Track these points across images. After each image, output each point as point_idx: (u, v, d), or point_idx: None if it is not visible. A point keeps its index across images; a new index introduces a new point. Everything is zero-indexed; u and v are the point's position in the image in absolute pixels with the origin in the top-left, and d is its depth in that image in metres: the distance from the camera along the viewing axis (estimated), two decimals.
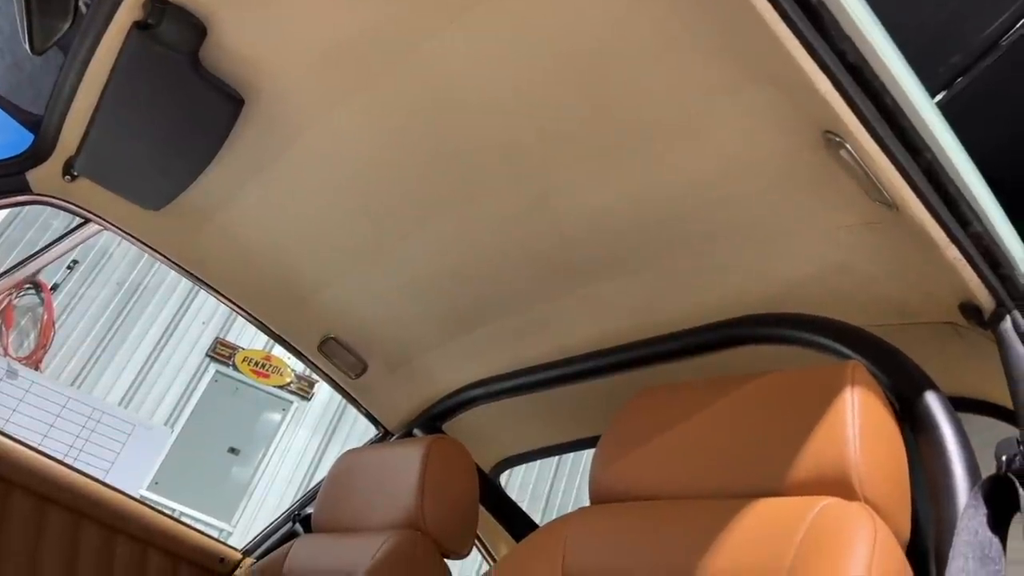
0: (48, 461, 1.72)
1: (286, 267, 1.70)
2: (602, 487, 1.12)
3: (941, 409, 0.93)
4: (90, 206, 1.60)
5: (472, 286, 1.55)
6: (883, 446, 0.89)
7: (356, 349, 1.87)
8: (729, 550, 0.89)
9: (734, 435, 1.00)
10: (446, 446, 1.57)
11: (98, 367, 7.11)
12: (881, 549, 0.77)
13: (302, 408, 7.77)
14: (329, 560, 1.55)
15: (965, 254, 0.94)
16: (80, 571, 1.69)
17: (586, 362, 1.54)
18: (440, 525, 1.48)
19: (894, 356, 1.02)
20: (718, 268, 1.27)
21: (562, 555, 1.07)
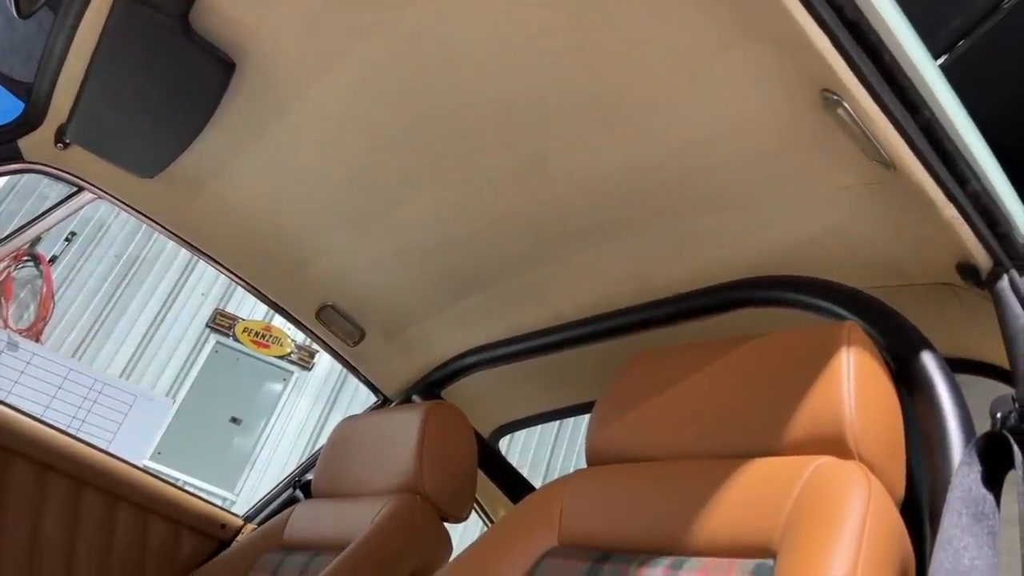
0: (49, 430, 1.73)
1: (282, 234, 1.69)
2: (598, 449, 1.13)
3: (937, 368, 0.93)
4: (83, 174, 1.59)
5: (468, 253, 1.55)
6: (878, 405, 0.89)
7: (354, 317, 1.87)
8: (724, 509, 0.90)
9: (729, 396, 1.00)
10: (444, 411, 1.58)
11: (98, 339, 7.13)
12: (875, 506, 0.77)
13: (303, 378, 7.81)
14: (329, 524, 1.57)
15: (963, 213, 0.93)
16: (82, 538, 1.70)
17: (583, 327, 1.54)
18: (439, 489, 1.49)
19: (890, 316, 1.02)
20: (714, 232, 1.27)
21: (559, 516, 1.08)
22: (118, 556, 1.73)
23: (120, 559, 1.73)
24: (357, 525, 1.47)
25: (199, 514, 1.86)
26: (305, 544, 1.59)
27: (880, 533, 0.75)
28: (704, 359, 1.07)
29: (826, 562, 0.72)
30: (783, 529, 0.82)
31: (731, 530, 0.88)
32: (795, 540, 0.78)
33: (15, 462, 1.66)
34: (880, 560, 0.74)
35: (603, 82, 1.07)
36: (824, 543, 0.74)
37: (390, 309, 1.82)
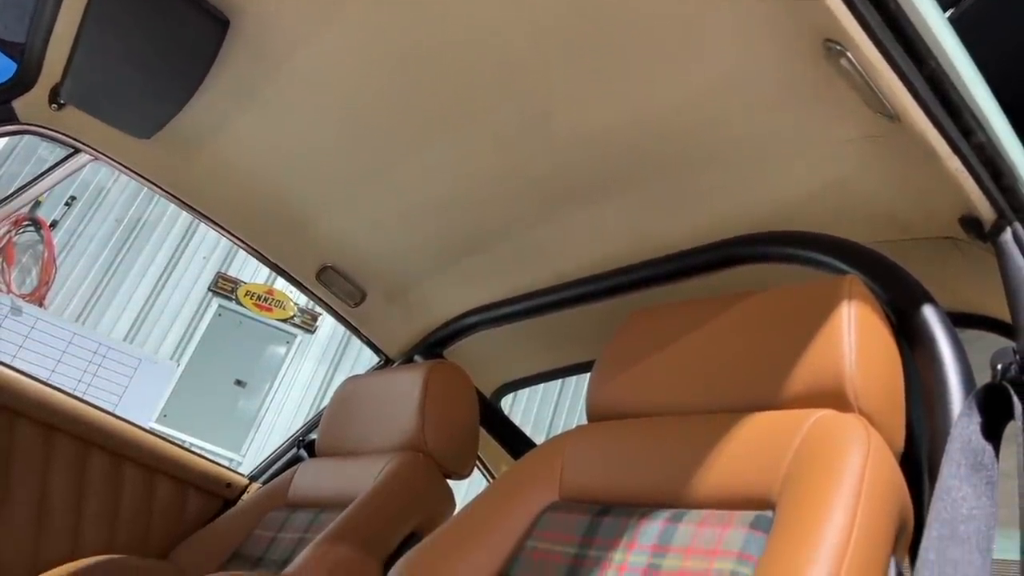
0: (54, 392, 1.74)
1: (280, 195, 1.68)
2: (599, 405, 1.13)
3: (938, 322, 0.93)
4: (79, 135, 1.58)
5: (468, 212, 1.54)
6: (879, 358, 0.89)
7: (354, 278, 1.87)
8: (724, 462, 0.90)
9: (730, 351, 1.00)
10: (446, 369, 1.58)
11: (101, 303, 7.15)
12: (874, 458, 0.77)
13: (306, 341, 7.84)
14: (333, 482, 1.58)
15: (967, 164, 0.92)
16: (89, 498, 1.72)
17: (584, 286, 1.54)
18: (441, 446, 1.50)
19: (892, 270, 1.02)
20: (715, 188, 1.26)
21: (560, 471, 1.09)
22: (125, 515, 1.76)
23: (127, 518, 1.76)
24: (360, 482, 1.48)
25: (204, 473, 1.88)
26: (309, 502, 1.61)
27: (879, 485, 0.76)
28: (704, 315, 1.07)
29: (825, 513, 0.72)
30: (782, 481, 0.82)
31: (730, 483, 0.88)
32: (794, 492, 0.78)
33: (21, 423, 1.68)
34: (879, 511, 0.74)
35: (602, 35, 1.05)
36: (823, 494, 0.74)
37: (390, 270, 1.82)
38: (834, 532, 0.70)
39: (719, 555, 0.82)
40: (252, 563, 1.54)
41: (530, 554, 1.01)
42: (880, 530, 0.74)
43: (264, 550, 1.55)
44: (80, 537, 1.69)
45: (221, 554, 1.63)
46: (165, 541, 1.78)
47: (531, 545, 1.02)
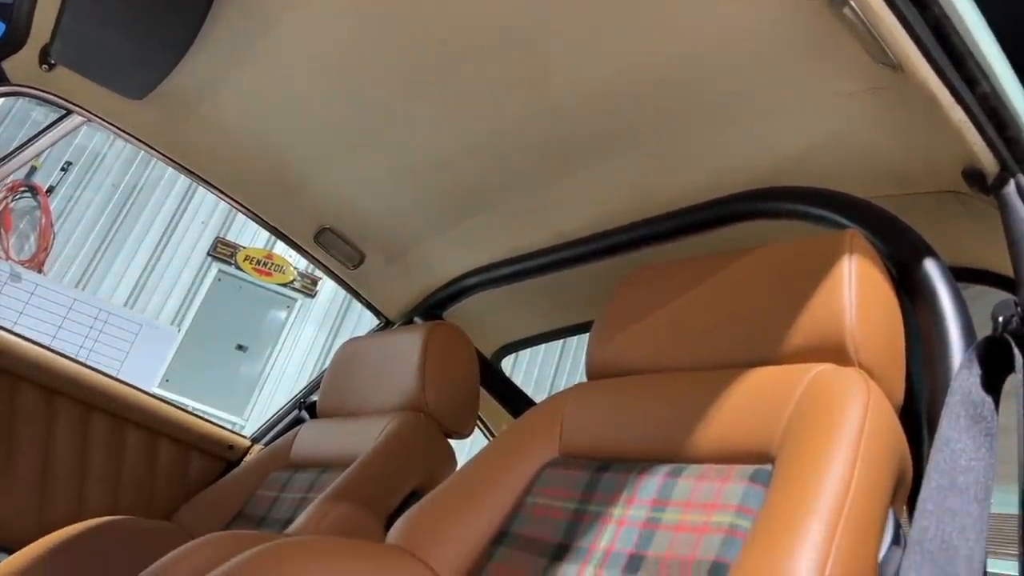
0: (56, 356, 1.74)
1: (276, 156, 1.66)
2: (598, 363, 1.13)
3: (939, 275, 0.93)
4: (71, 96, 1.56)
5: (467, 171, 1.52)
6: (879, 312, 0.89)
7: (352, 239, 1.86)
8: (723, 417, 0.90)
9: (730, 307, 0.99)
10: (445, 330, 1.58)
11: (100, 269, 7.14)
12: (874, 411, 0.77)
13: (307, 305, 7.85)
14: (335, 442, 1.59)
15: (970, 115, 0.90)
16: (92, 460, 1.73)
17: (583, 246, 1.53)
18: (441, 406, 1.51)
19: (893, 224, 1.01)
20: (714, 144, 1.24)
21: (560, 428, 1.09)
22: (128, 478, 1.77)
23: (131, 480, 1.77)
24: (362, 442, 1.49)
25: (207, 436, 1.89)
26: (312, 462, 1.62)
27: (878, 437, 0.76)
28: (704, 272, 1.06)
29: (824, 465, 0.73)
30: (782, 435, 0.82)
31: (730, 437, 0.88)
32: (793, 445, 0.78)
33: (23, 387, 1.68)
34: (878, 463, 0.74)
35: None
36: (822, 447, 0.75)
37: (389, 231, 1.81)
38: (833, 484, 0.71)
39: (718, 508, 0.83)
40: (255, 523, 1.56)
41: (530, 510, 1.02)
42: (879, 482, 0.74)
43: (267, 510, 1.57)
44: (84, 499, 1.71)
45: (225, 514, 1.64)
46: (169, 502, 1.79)
47: (531, 501, 1.03)
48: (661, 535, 0.85)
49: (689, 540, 0.82)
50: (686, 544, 0.82)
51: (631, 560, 0.85)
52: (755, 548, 0.70)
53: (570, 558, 0.91)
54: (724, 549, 0.78)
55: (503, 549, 0.99)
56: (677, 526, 0.85)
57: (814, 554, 0.66)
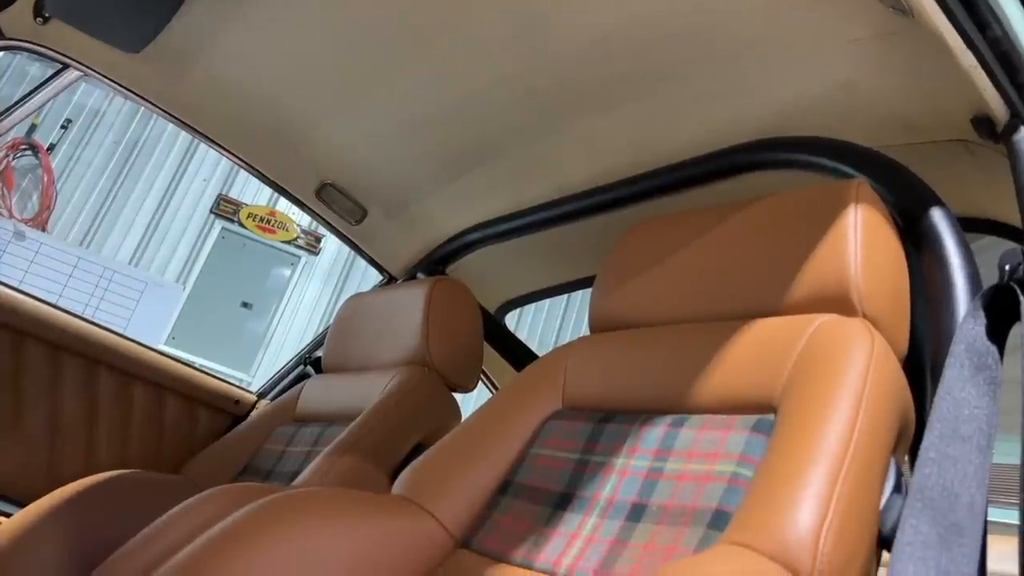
0: (61, 313, 1.75)
1: (277, 110, 1.64)
2: (601, 316, 1.13)
3: (946, 225, 0.92)
4: (67, 50, 1.53)
5: (466, 124, 1.51)
6: (884, 262, 0.88)
7: (354, 195, 1.85)
8: (726, 368, 0.90)
9: (733, 259, 0.99)
10: (448, 285, 1.58)
11: (104, 227, 7.13)
12: (878, 361, 0.77)
13: (311, 262, 7.85)
14: (340, 397, 1.60)
15: (981, 60, 0.88)
16: (100, 415, 1.75)
17: (586, 199, 1.52)
18: (445, 360, 1.52)
19: (900, 173, 0.99)
20: (719, 94, 1.22)
21: (563, 380, 1.09)
22: (136, 432, 1.79)
23: (138, 435, 1.79)
24: (367, 396, 1.50)
25: (213, 391, 1.91)
26: (317, 416, 1.63)
27: (881, 387, 0.76)
28: (708, 224, 1.05)
29: (827, 414, 0.73)
30: (784, 385, 0.82)
31: (733, 388, 0.88)
32: (796, 394, 0.78)
33: (29, 343, 1.69)
34: (881, 413, 0.74)
35: None
36: (825, 396, 0.75)
37: (390, 186, 1.80)
38: (835, 433, 0.71)
39: (720, 458, 0.83)
40: (262, 476, 1.58)
41: (534, 461, 1.03)
42: (882, 431, 0.74)
43: (274, 463, 1.58)
44: (93, 453, 1.73)
45: (232, 468, 1.66)
46: (177, 457, 1.82)
47: (535, 452, 1.04)
48: (664, 484, 0.86)
49: (691, 489, 0.83)
50: (688, 493, 0.83)
51: (634, 509, 0.86)
52: (757, 496, 0.70)
53: (573, 507, 0.92)
54: (726, 497, 0.79)
55: (507, 499, 1.00)
56: (679, 475, 0.85)
57: (816, 501, 0.66)
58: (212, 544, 0.85)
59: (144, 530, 1.09)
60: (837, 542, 0.65)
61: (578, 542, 0.87)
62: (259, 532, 0.86)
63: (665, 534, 0.81)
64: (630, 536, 0.84)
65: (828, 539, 0.65)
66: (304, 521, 0.89)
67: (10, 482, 1.64)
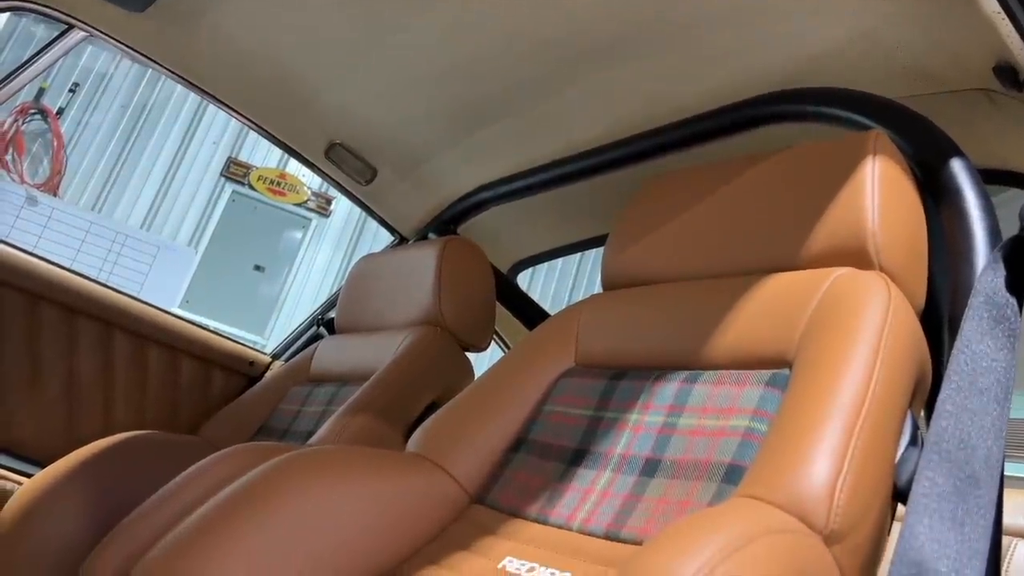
0: (75, 276, 1.76)
1: (284, 68, 1.62)
2: (614, 274, 1.12)
3: (966, 176, 0.90)
4: (72, 10, 1.51)
5: (477, 79, 1.48)
6: (902, 215, 0.87)
7: (364, 154, 1.84)
8: (741, 323, 0.89)
9: (749, 212, 0.97)
10: (459, 244, 1.58)
11: (115, 192, 7.15)
12: (895, 314, 0.76)
13: (322, 225, 7.86)
14: (353, 357, 1.61)
15: (1004, 6, 0.86)
16: (117, 378, 1.77)
17: (599, 155, 1.50)
18: (458, 320, 1.52)
19: (919, 123, 0.97)
20: (734, 46, 1.20)
21: (575, 337, 1.09)
22: (153, 394, 1.81)
23: (155, 397, 1.81)
24: (380, 356, 1.50)
25: (227, 353, 1.92)
26: (331, 376, 1.64)
27: (898, 340, 0.75)
28: (722, 178, 1.04)
29: (843, 368, 0.72)
30: (800, 339, 0.81)
31: (748, 343, 0.88)
32: (811, 348, 0.78)
33: (44, 307, 1.70)
34: (898, 366, 0.74)
35: None
36: (841, 350, 0.74)
37: (400, 145, 1.78)
38: (852, 386, 0.70)
39: (735, 413, 0.83)
40: (278, 436, 1.59)
41: (547, 418, 1.03)
42: (899, 385, 0.73)
43: (289, 423, 1.60)
44: (111, 415, 1.75)
45: (248, 428, 1.68)
46: (193, 418, 1.83)
47: (548, 409, 1.04)
48: (677, 439, 0.86)
49: (705, 444, 0.83)
50: (702, 448, 0.83)
51: (647, 464, 0.86)
52: (771, 450, 0.70)
53: (587, 463, 0.93)
54: (740, 452, 0.79)
55: (520, 455, 1.01)
56: (693, 431, 0.85)
57: (831, 455, 0.66)
58: (229, 502, 0.86)
59: (161, 489, 1.11)
60: (852, 495, 0.65)
61: (592, 497, 0.88)
62: (275, 490, 0.87)
63: (679, 488, 0.81)
64: (644, 491, 0.84)
65: (843, 492, 0.64)
66: (320, 478, 0.90)
67: (30, 443, 1.66)
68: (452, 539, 0.93)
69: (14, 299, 1.67)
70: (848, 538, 0.64)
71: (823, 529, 0.63)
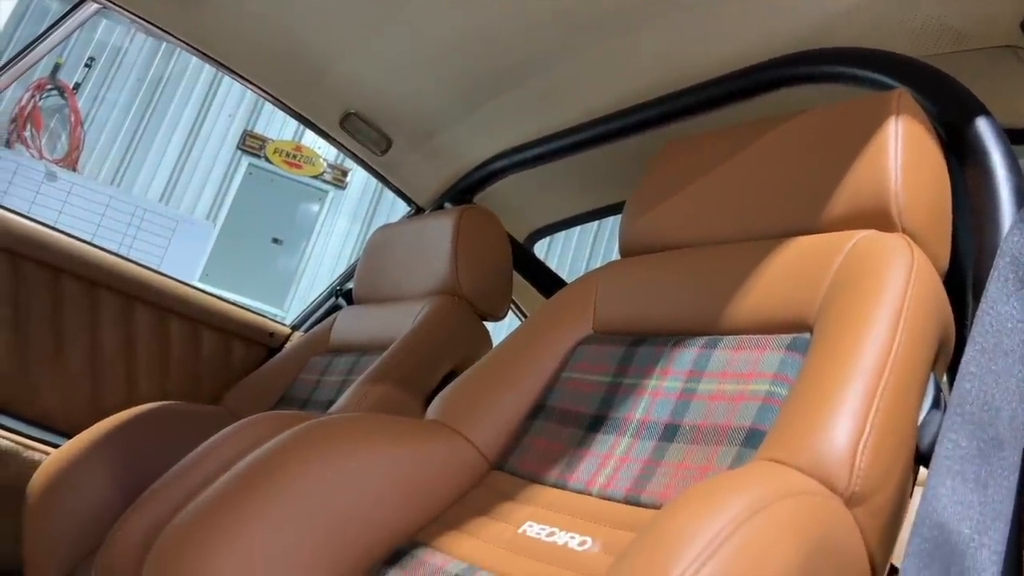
0: (96, 250, 1.77)
1: (298, 39, 1.61)
2: (632, 240, 1.11)
3: (991, 134, 0.88)
4: None
5: (491, 46, 1.47)
6: (926, 175, 0.85)
7: (378, 124, 1.83)
8: (761, 288, 0.88)
9: (769, 176, 0.96)
10: (475, 213, 1.57)
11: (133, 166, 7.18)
12: (918, 277, 0.75)
13: (339, 197, 7.87)
14: (372, 327, 1.62)
15: None
16: (139, 350, 1.79)
17: (615, 121, 1.48)
18: (474, 288, 1.52)
19: (943, 82, 0.95)
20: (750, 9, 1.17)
21: (593, 304, 1.09)
22: (175, 365, 1.83)
23: (177, 368, 1.83)
24: (398, 326, 1.51)
25: (248, 324, 1.94)
26: (350, 346, 1.65)
27: (921, 303, 0.74)
28: (742, 141, 1.02)
29: (865, 331, 0.71)
30: (821, 302, 0.81)
31: (768, 308, 0.87)
32: (833, 312, 0.77)
33: (65, 280, 1.72)
34: (921, 329, 0.73)
35: None
36: (863, 313, 0.73)
37: (415, 114, 1.77)
38: (874, 349, 0.69)
39: (755, 377, 0.82)
40: (299, 405, 1.61)
41: (565, 384, 1.03)
42: (921, 348, 0.73)
43: (310, 393, 1.61)
44: (134, 386, 1.77)
45: (269, 398, 1.69)
46: (215, 388, 1.86)
47: (566, 376, 1.04)
48: (697, 405, 0.86)
49: (725, 409, 0.82)
50: (722, 412, 0.82)
51: (666, 429, 0.86)
52: (792, 413, 0.69)
53: (606, 429, 0.93)
54: (761, 416, 0.78)
55: (539, 422, 1.01)
56: (712, 396, 0.85)
57: (853, 417, 0.65)
58: (251, 470, 0.87)
59: (185, 458, 1.12)
60: (874, 458, 0.64)
61: (611, 462, 0.88)
62: (297, 457, 0.88)
63: (698, 453, 0.81)
64: (663, 456, 0.84)
65: (865, 454, 0.64)
66: (342, 446, 0.90)
67: (55, 414, 1.69)
68: (472, 505, 0.94)
69: (37, 273, 1.69)
70: (870, 500, 0.63)
71: (844, 491, 0.63)
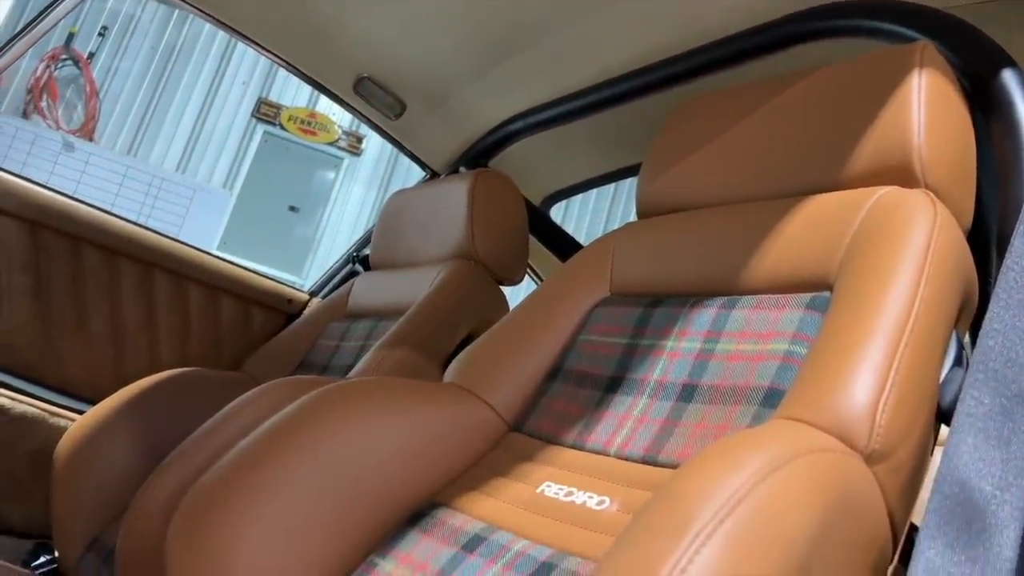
0: (114, 219, 1.78)
1: (310, 1, 1.60)
2: (649, 201, 1.10)
3: (1018, 87, 0.85)
4: None
5: (503, 10, 1.44)
6: (950, 130, 0.83)
7: (392, 88, 1.82)
8: (780, 246, 0.87)
9: (789, 133, 0.94)
10: (490, 177, 1.56)
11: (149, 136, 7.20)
12: (941, 233, 0.74)
13: (354, 164, 7.86)
14: (390, 291, 1.62)
15: None
16: (159, 317, 1.80)
17: (630, 81, 1.46)
18: (491, 253, 1.51)
19: (968, 33, 0.92)
20: None
21: (610, 267, 1.08)
22: (195, 332, 1.85)
23: (197, 335, 1.85)
24: (415, 291, 1.51)
25: (266, 291, 1.95)
26: (368, 312, 1.66)
27: (944, 259, 0.73)
28: (762, 98, 1.00)
29: (886, 288, 0.70)
30: (841, 260, 0.79)
31: (787, 266, 0.86)
32: (853, 269, 0.76)
33: (85, 249, 1.73)
34: (943, 286, 0.72)
35: None
36: (884, 270, 0.72)
37: (428, 78, 1.76)
38: (895, 306, 0.69)
39: (774, 337, 0.82)
40: (318, 370, 1.62)
41: (582, 347, 1.03)
42: (944, 305, 0.72)
43: (329, 358, 1.62)
44: (156, 353, 1.79)
45: (289, 363, 1.71)
46: (235, 355, 1.87)
47: (583, 338, 1.04)
48: (715, 365, 0.85)
49: (744, 368, 0.82)
50: (740, 372, 0.82)
51: (684, 389, 0.86)
52: (811, 372, 0.69)
53: (623, 390, 0.93)
54: (780, 375, 0.78)
55: (557, 384, 1.01)
56: (731, 356, 0.84)
57: (873, 374, 0.65)
58: (272, 433, 0.88)
59: (207, 423, 1.14)
60: (894, 415, 0.64)
61: (628, 423, 0.88)
62: (317, 421, 0.88)
63: (717, 413, 0.81)
64: (681, 416, 0.84)
65: (885, 411, 0.63)
66: (362, 409, 0.91)
67: (80, 382, 1.72)
68: (491, 466, 0.95)
69: (58, 243, 1.71)
70: (890, 457, 0.63)
71: (864, 448, 0.62)
